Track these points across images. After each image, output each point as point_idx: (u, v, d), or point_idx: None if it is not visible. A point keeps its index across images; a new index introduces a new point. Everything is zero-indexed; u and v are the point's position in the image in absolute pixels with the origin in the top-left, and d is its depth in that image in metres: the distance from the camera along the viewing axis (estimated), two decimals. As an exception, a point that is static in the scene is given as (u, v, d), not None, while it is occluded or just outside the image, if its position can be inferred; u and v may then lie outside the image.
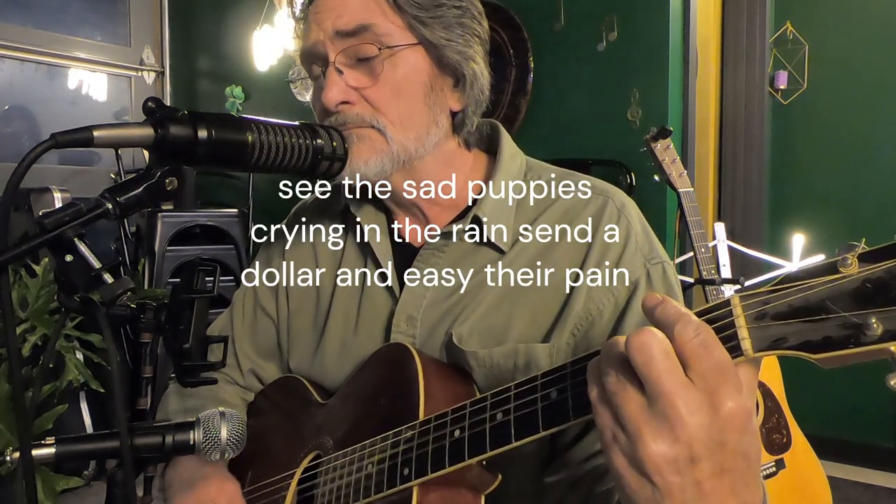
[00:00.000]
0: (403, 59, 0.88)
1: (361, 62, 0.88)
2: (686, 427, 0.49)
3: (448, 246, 0.95)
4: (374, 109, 0.88)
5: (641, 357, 0.51)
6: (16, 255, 0.61)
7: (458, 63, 0.91)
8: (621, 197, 0.94)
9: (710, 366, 0.50)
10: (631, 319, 0.85)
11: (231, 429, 0.75)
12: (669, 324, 0.52)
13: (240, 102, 4.34)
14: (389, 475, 0.77)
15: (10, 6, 4.10)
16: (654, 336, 0.51)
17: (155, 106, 0.69)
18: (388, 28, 0.87)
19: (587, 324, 0.86)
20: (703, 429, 0.50)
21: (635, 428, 0.51)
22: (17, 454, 0.64)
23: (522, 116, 3.36)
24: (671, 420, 0.50)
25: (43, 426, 2.35)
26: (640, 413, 0.51)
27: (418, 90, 0.90)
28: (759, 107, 3.46)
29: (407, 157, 0.90)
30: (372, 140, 0.89)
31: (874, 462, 3.18)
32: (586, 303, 0.86)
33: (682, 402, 0.50)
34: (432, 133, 0.92)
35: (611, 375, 0.53)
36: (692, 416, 0.50)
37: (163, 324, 0.72)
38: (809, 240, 2.46)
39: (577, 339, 0.86)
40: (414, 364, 0.82)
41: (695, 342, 0.50)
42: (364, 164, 0.89)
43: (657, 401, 0.50)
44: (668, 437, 0.50)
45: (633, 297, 0.86)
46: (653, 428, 0.51)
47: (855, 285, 0.48)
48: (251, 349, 1.12)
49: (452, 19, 0.90)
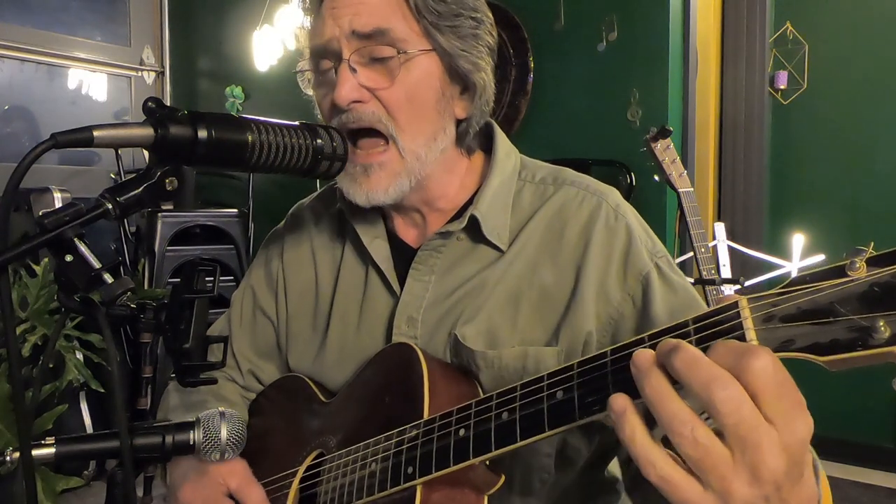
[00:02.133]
0: (418, 64, 0.88)
1: (376, 62, 0.87)
2: (776, 472, 0.49)
3: (446, 246, 0.95)
4: (386, 111, 0.88)
5: (729, 417, 0.48)
6: (16, 255, 0.60)
7: (469, 73, 0.91)
8: (615, 197, 0.94)
9: (787, 404, 0.49)
10: (656, 315, 0.83)
11: (231, 429, 0.75)
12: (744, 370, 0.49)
13: (240, 102, 4.34)
14: (393, 473, 0.77)
15: (10, 6, 4.10)
16: (739, 390, 0.48)
17: (155, 106, 0.69)
18: (406, 33, 0.87)
19: (612, 328, 0.86)
20: (788, 467, 0.49)
21: (720, 475, 0.49)
22: (17, 454, 0.64)
23: (522, 116, 3.36)
24: (761, 473, 0.48)
25: (43, 426, 2.35)
26: (722, 460, 0.49)
27: (431, 96, 0.90)
28: (759, 107, 3.46)
29: (420, 167, 0.90)
30: (392, 164, 0.89)
31: (874, 462, 3.18)
32: (605, 307, 0.86)
33: (771, 456, 0.48)
34: (440, 140, 0.92)
35: (685, 435, 0.50)
36: (779, 462, 0.48)
37: (163, 324, 0.72)
38: (809, 240, 2.46)
39: (603, 345, 0.85)
40: (419, 364, 0.81)
41: (772, 385, 0.48)
42: (384, 193, 0.89)
43: (744, 455, 0.49)
44: (756, 484, 0.49)
45: (650, 292, 0.85)
46: (743, 478, 0.49)
47: (863, 289, 0.49)
48: (250, 350, 1.12)
49: (468, 30, 0.90)
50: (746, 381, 0.48)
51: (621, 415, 0.53)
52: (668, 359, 0.51)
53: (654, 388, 0.51)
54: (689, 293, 0.87)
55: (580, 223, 0.90)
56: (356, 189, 0.90)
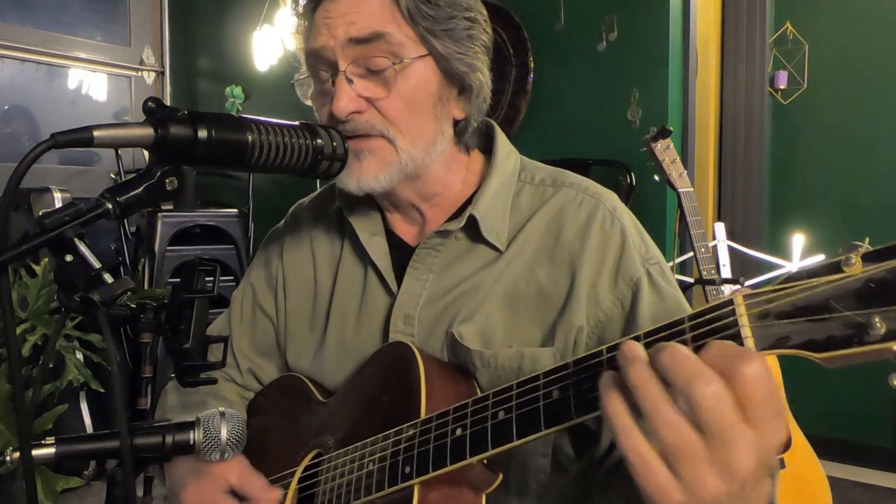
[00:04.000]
0: (415, 70, 0.88)
1: (372, 72, 0.87)
2: (746, 470, 0.50)
3: (444, 245, 0.95)
4: (384, 119, 0.88)
5: (709, 412, 0.49)
6: (16, 255, 0.60)
7: (465, 74, 0.91)
8: (612, 200, 0.94)
9: (770, 411, 0.50)
10: (641, 320, 0.84)
11: (231, 429, 0.75)
12: (728, 370, 0.50)
13: (240, 102, 4.34)
14: (391, 473, 0.77)
15: (10, 6, 4.10)
16: (722, 387, 0.49)
17: (155, 106, 0.69)
18: (401, 38, 0.87)
19: (599, 330, 0.86)
20: (756, 467, 0.50)
21: (693, 465, 0.50)
22: (17, 454, 0.64)
23: (522, 116, 3.36)
24: (733, 469, 0.50)
25: (43, 426, 2.35)
26: (697, 451, 0.50)
27: (428, 101, 0.90)
28: (759, 107, 3.46)
29: (414, 166, 0.90)
30: (383, 152, 0.89)
31: (874, 462, 3.18)
32: (594, 309, 0.86)
33: (744, 456, 0.49)
34: (439, 143, 0.92)
35: (664, 420, 0.51)
36: (751, 461, 0.50)
37: (163, 324, 0.72)
38: (809, 240, 2.46)
39: (589, 346, 0.86)
40: (416, 363, 0.82)
41: (756, 390, 0.49)
42: (374, 179, 0.89)
43: (719, 451, 0.50)
44: (727, 479, 0.50)
45: (638, 298, 0.86)
46: (714, 472, 0.50)
47: (858, 285, 0.49)
48: (249, 349, 1.12)
49: (463, 31, 0.90)
50: (736, 384, 0.49)
51: (607, 387, 0.55)
52: (655, 355, 0.52)
53: (638, 373, 0.53)
54: (676, 301, 0.88)
55: (578, 225, 0.90)
56: (347, 175, 0.89)
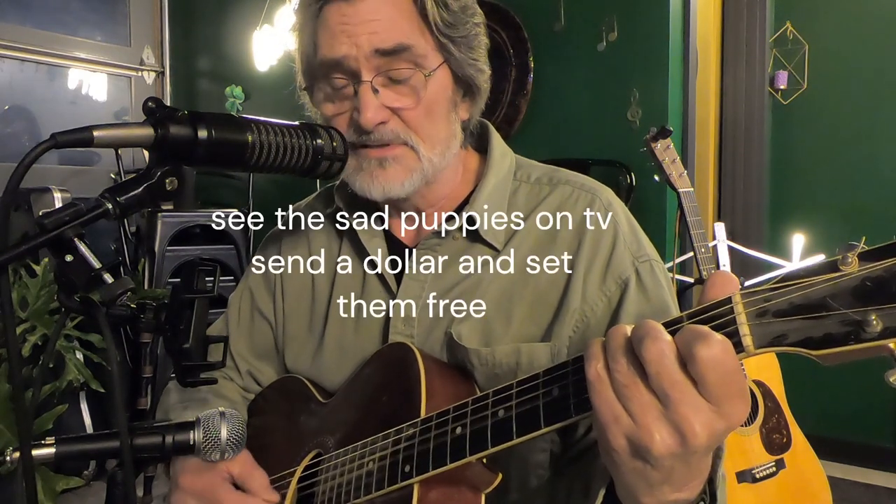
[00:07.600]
0: (436, 78, 0.89)
1: (394, 81, 0.88)
2: (697, 437, 0.53)
3: (442, 244, 0.95)
4: (407, 128, 0.89)
5: (651, 365, 0.53)
6: (16, 255, 0.60)
7: (474, 78, 0.93)
8: (608, 195, 0.95)
9: (729, 391, 0.52)
10: (624, 319, 0.85)
11: (231, 429, 0.75)
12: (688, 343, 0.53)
13: (240, 102, 4.34)
14: (390, 472, 0.77)
15: (10, 6, 4.10)
16: (667, 347, 0.53)
17: (155, 106, 0.69)
18: (425, 49, 0.88)
19: (583, 325, 0.87)
20: (709, 438, 0.53)
21: (645, 424, 0.54)
22: (17, 454, 0.64)
23: (522, 116, 3.36)
24: (684, 432, 0.53)
25: (43, 426, 2.36)
26: (651, 413, 0.54)
27: (445, 107, 0.91)
28: (759, 107, 3.46)
29: (433, 171, 0.91)
30: (407, 160, 0.90)
31: (874, 462, 3.17)
32: (581, 304, 0.87)
33: (699, 424, 0.52)
34: (452, 146, 0.93)
35: (620, 365, 0.55)
36: (703, 431, 0.53)
37: (163, 324, 0.72)
38: (809, 240, 2.46)
39: (573, 340, 0.87)
40: (416, 363, 0.82)
41: (706, 358, 0.52)
42: (400, 187, 0.90)
43: (671, 414, 0.53)
44: (678, 441, 0.53)
45: (625, 296, 0.86)
46: (664, 432, 0.53)
47: (855, 283, 0.49)
48: (248, 351, 1.12)
49: (472, 36, 0.91)
50: (694, 363, 0.52)
51: (591, 344, 0.59)
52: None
53: (613, 329, 0.56)
54: (662, 301, 0.88)
55: (574, 221, 0.91)
56: (370, 183, 0.90)
